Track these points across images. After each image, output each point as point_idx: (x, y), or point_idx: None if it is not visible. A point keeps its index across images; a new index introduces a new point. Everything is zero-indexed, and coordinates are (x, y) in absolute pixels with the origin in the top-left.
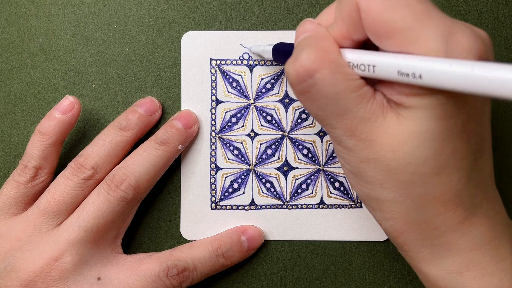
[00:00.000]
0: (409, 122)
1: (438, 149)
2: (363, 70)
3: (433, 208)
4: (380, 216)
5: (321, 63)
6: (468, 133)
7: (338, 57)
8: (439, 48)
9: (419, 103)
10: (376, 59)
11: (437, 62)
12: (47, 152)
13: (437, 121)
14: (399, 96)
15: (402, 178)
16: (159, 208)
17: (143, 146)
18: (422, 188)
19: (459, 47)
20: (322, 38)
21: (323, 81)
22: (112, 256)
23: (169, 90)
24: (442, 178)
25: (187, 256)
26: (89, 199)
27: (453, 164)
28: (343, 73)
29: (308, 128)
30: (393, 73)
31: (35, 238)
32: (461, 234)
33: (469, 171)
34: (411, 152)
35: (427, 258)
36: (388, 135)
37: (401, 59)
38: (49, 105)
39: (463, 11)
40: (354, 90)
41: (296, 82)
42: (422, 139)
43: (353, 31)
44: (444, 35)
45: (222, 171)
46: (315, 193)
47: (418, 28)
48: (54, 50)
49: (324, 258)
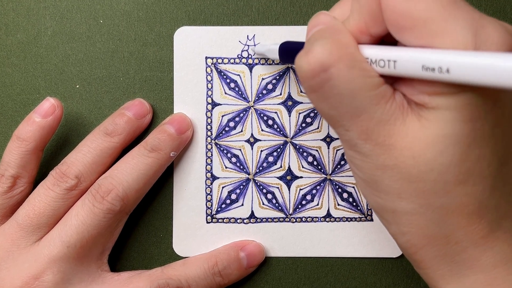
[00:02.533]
0: (432, 124)
1: (463, 155)
2: (382, 67)
3: (455, 221)
4: (395, 230)
5: (337, 56)
6: (496, 137)
7: (356, 51)
8: (468, 41)
9: (444, 103)
10: (398, 54)
11: (467, 55)
12: (26, 160)
13: (464, 124)
14: (421, 96)
15: (423, 187)
16: (150, 221)
17: (131, 153)
18: (444, 198)
19: (489, 41)
20: (338, 31)
21: (339, 76)
22: (98, 274)
23: (161, 91)
24: (466, 187)
25: (180, 274)
26: (73, 212)
27: (478, 172)
28: (360, 68)
29: (313, 133)
30: (417, 69)
31: (13, 255)
32: (484, 249)
33: (494, 179)
34: (434, 158)
35: (447, 276)
36: (408, 140)
37: (425, 53)
38: (28, 107)
39: (484, 4)
40: (372, 88)
41: (308, 76)
42: (446, 144)
43: (372, 24)
44: (473, 28)
45: (218, 181)
46: (321, 205)
47: (444, 19)
48: (33, 48)
49: (331, 276)
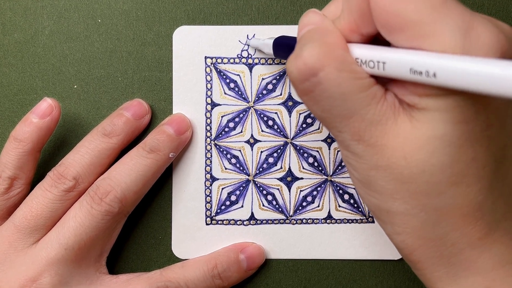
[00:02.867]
0: (423, 125)
1: (455, 156)
2: (372, 68)
3: (450, 222)
4: (391, 230)
5: (325, 60)
6: (490, 138)
7: (345, 53)
8: (456, 43)
9: (434, 104)
10: (386, 55)
11: (453, 59)
12: (23, 161)
13: (454, 125)
14: (412, 97)
15: (415, 188)
16: (148, 223)
17: (130, 154)
18: (438, 199)
19: (479, 43)
20: (327, 32)
21: (328, 80)
22: (96, 277)
23: (159, 91)
24: (460, 188)
25: (179, 276)
26: (70, 213)
27: (472, 173)
28: (350, 71)
29: (314, 134)
30: (405, 71)
31: (10, 257)
32: (481, 251)
33: (491, 181)
34: (425, 159)
35: (444, 278)
36: (400, 140)
37: (413, 56)
38: (25, 108)
39: (487, 4)
40: (362, 89)
41: (298, 81)
42: (437, 145)
43: (362, 23)
44: (463, 29)
45: (218, 182)
46: (322, 206)
47: (433, 21)
48: (31, 47)
49: (332, 279)
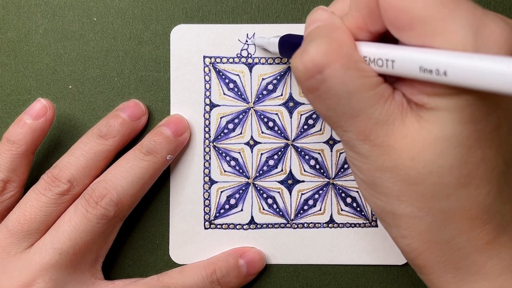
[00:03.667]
0: (431, 126)
1: (464, 157)
2: (380, 66)
3: (457, 226)
4: (396, 233)
5: (332, 57)
6: (499, 139)
7: (352, 50)
8: (468, 41)
9: (443, 104)
10: (395, 53)
11: (465, 57)
12: (16, 163)
13: (464, 125)
14: (421, 96)
15: (422, 190)
16: (145, 227)
17: (126, 157)
18: (445, 201)
19: (491, 40)
20: (335, 29)
21: (334, 77)
22: (91, 282)
23: (157, 92)
24: (468, 190)
25: (177, 282)
26: (65, 217)
27: (481, 175)
28: (357, 69)
29: (315, 135)
30: (414, 69)
31: (3, 262)
32: (489, 256)
33: (500, 183)
34: (433, 160)
35: (450, 283)
36: (407, 141)
37: (423, 53)
38: (19, 109)
39: (494, 2)
40: (369, 88)
41: (303, 78)
42: (446, 146)
43: (370, 21)
44: (474, 27)
45: (217, 185)
46: (323, 210)
47: (444, 18)
48: (24, 46)
49: (334, 284)
